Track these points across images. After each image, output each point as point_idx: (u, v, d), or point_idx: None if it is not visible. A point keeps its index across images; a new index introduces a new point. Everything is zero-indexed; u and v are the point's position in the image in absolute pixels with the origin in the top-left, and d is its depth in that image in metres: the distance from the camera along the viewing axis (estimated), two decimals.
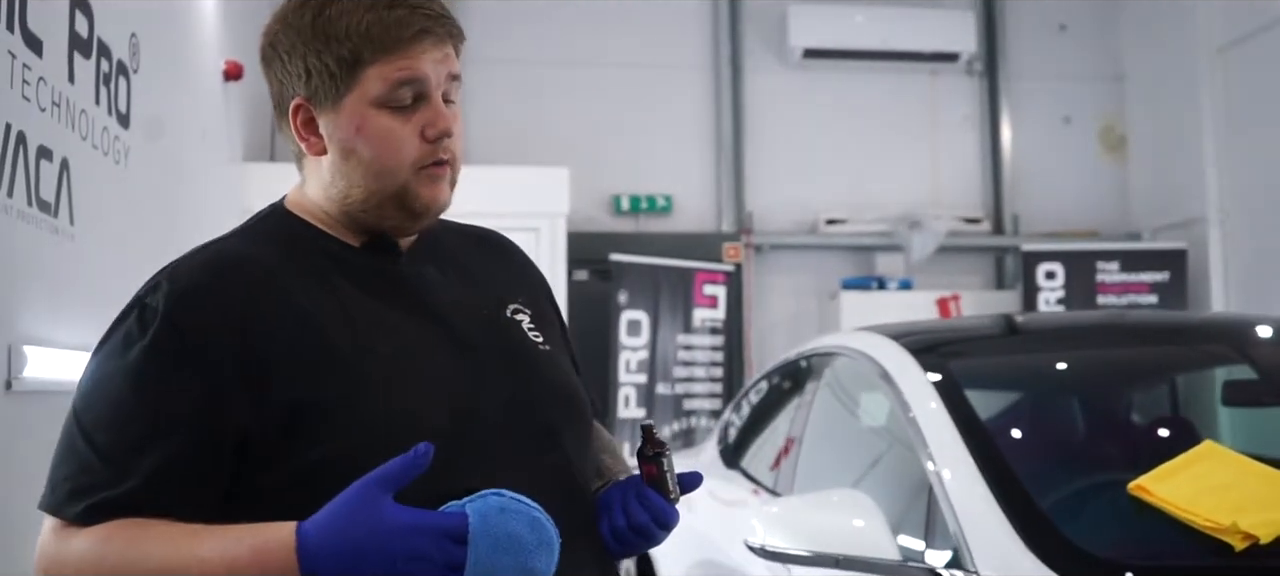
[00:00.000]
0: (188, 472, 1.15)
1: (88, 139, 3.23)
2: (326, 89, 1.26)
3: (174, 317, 1.17)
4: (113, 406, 1.17)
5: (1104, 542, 1.91)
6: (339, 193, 1.29)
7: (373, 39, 1.23)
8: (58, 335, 2.97)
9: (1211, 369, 2.71)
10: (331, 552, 1.06)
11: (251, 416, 1.16)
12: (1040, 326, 3.42)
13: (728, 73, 7.60)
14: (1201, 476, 1.94)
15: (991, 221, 7.86)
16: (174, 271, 1.23)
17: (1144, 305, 7.15)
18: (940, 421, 2.32)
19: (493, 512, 1.09)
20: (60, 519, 1.16)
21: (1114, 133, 8.10)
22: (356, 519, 1.06)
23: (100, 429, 1.16)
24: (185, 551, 1.10)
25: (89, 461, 1.15)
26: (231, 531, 1.11)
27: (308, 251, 1.29)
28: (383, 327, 1.26)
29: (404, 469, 1.08)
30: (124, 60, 3.59)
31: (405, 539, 1.05)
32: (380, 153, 1.26)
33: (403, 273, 1.33)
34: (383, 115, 1.25)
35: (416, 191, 1.28)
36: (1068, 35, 8.06)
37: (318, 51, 1.25)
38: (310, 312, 1.22)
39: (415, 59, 1.24)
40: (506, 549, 1.08)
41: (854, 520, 2.11)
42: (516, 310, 1.42)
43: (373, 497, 1.07)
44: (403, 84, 1.25)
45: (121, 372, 1.18)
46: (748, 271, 7.38)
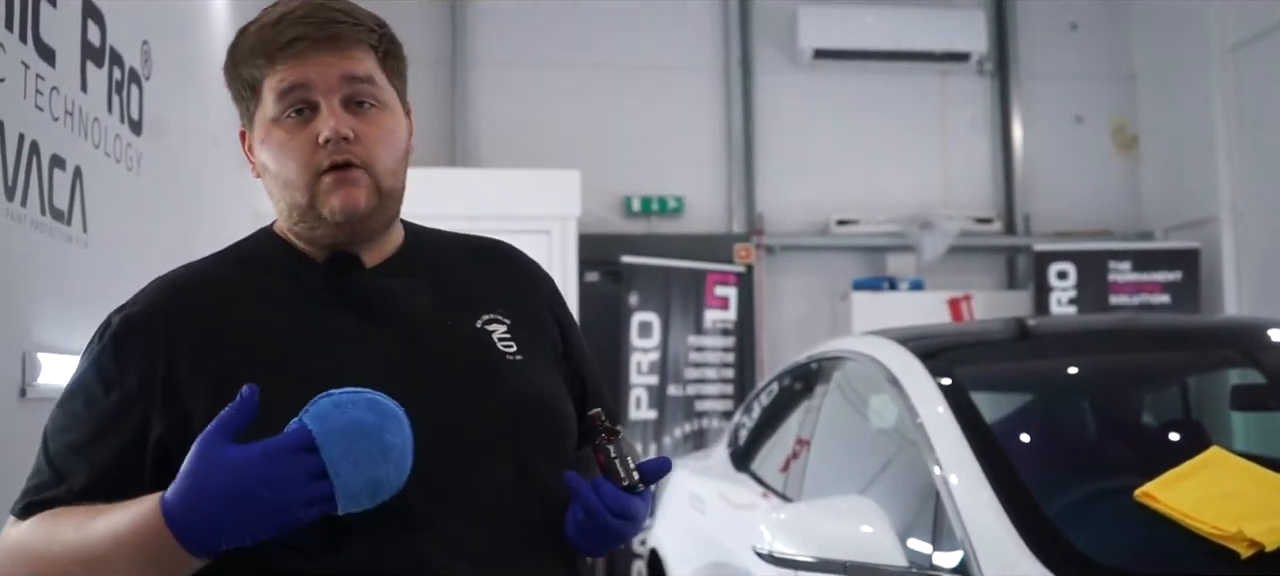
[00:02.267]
0: (116, 477, 1.21)
1: (100, 147, 3.26)
2: (244, 114, 1.36)
3: (118, 334, 1.28)
4: (62, 415, 1.29)
5: (1110, 550, 1.91)
6: (278, 210, 1.36)
7: (259, 55, 1.29)
8: (71, 343, 2.98)
9: (1220, 373, 2.71)
10: (193, 508, 1.09)
11: (168, 428, 1.22)
12: (1047, 331, 3.42)
13: (738, 74, 7.60)
14: (1208, 483, 1.94)
15: (1003, 221, 7.85)
16: (138, 292, 1.34)
17: (1156, 305, 7.13)
18: (947, 427, 2.33)
19: (328, 410, 1.09)
20: (14, 515, 1.26)
21: (1126, 132, 8.07)
22: (205, 469, 1.09)
23: (52, 435, 1.28)
24: (84, 529, 1.17)
25: (41, 465, 1.27)
26: (118, 509, 1.16)
27: (269, 267, 1.35)
28: (328, 341, 1.29)
29: (236, 413, 1.11)
30: (136, 68, 3.61)
31: (256, 468, 1.07)
32: (279, 166, 1.30)
33: (360, 286, 1.35)
34: (278, 129, 1.30)
35: (324, 199, 1.29)
36: (1079, 34, 8.04)
37: (232, 79, 1.35)
38: (251, 329, 1.28)
39: (297, 67, 1.27)
40: (357, 436, 1.08)
41: (861, 526, 2.12)
42: (490, 321, 1.40)
43: (213, 445, 1.09)
44: (287, 93, 1.28)
45: (73, 384, 1.30)
46: (759, 272, 7.39)
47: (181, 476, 1.11)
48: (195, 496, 1.09)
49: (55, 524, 1.20)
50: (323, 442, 1.07)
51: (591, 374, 1.55)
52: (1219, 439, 2.51)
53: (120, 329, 1.28)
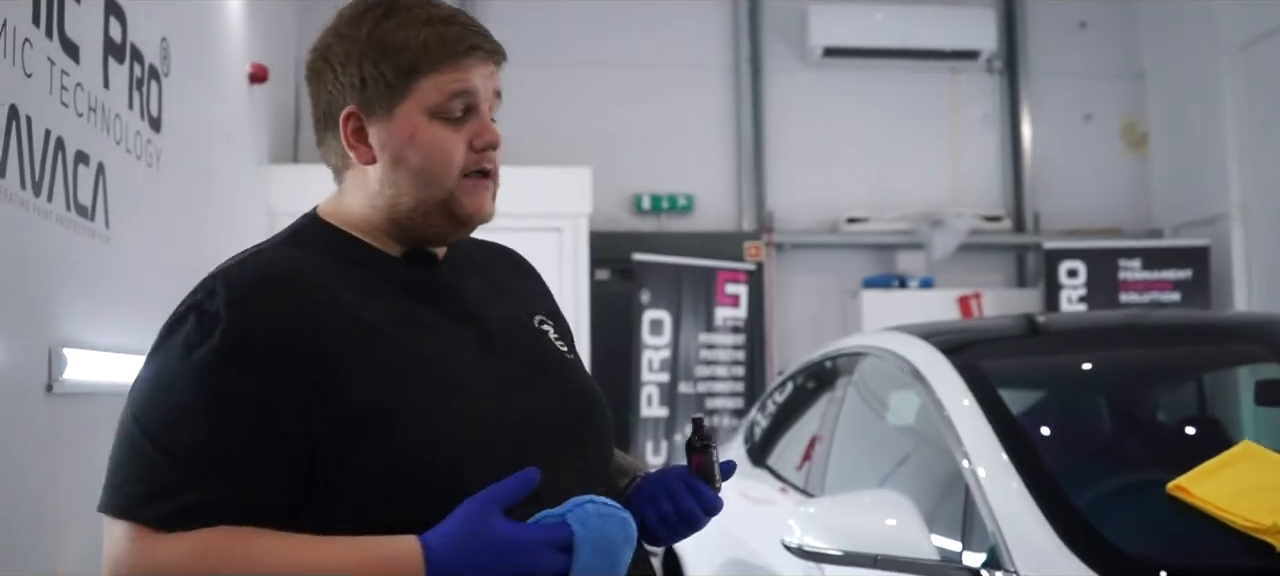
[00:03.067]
0: (264, 474, 1.16)
1: (122, 143, 3.27)
2: (381, 98, 1.29)
3: (238, 321, 1.19)
4: (181, 409, 1.17)
5: (1142, 542, 1.91)
6: (386, 201, 1.32)
7: (430, 52, 1.28)
8: (96, 338, 3.00)
9: (1243, 368, 2.71)
10: (453, 567, 1.12)
11: (320, 418, 1.17)
12: (1067, 326, 3.43)
13: (748, 72, 7.61)
14: (1241, 476, 1.94)
15: (1012, 219, 7.85)
16: (228, 276, 1.24)
17: (1166, 303, 7.13)
18: (975, 419, 2.33)
19: (592, 519, 1.18)
20: (133, 522, 1.15)
21: (1135, 130, 8.07)
22: (473, 535, 1.13)
23: (169, 432, 1.16)
24: (310, 562, 1.13)
25: (158, 465, 1.15)
26: (349, 543, 1.14)
27: (351, 260, 1.32)
28: (431, 334, 1.29)
29: (515, 488, 1.16)
30: (155, 64, 3.62)
31: (520, 552, 1.13)
32: (431, 161, 1.30)
33: (443, 282, 1.37)
34: (435, 125, 1.30)
35: (461, 199, 1.32)
36: (1088, 32, 8.04)
37: (374, 61, 1.29)
38: (363, 319, 1.24)
39: (467, 73, 1.30)
40: (604, 550, 1.18)
41: (891, 520, 2.12)
42: (542, 321, 1.47)
43: (486, 515, 1.13)
44: (455, 95, 1.30)
45: (187, 376, 1.18)
46: (769, 270, 7.39)
47: (449, 531, 1.14)
48: (459, 556, 1.13)
49: (246, 549, 1.13)
50: (579, 549, 1.17)
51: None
52: (1243, 434, 2.52)
53: (238, 315, 1.19)
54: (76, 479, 2.95)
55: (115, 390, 3.17)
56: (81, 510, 2.94)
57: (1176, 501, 1.97)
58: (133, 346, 3.31)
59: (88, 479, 2.97)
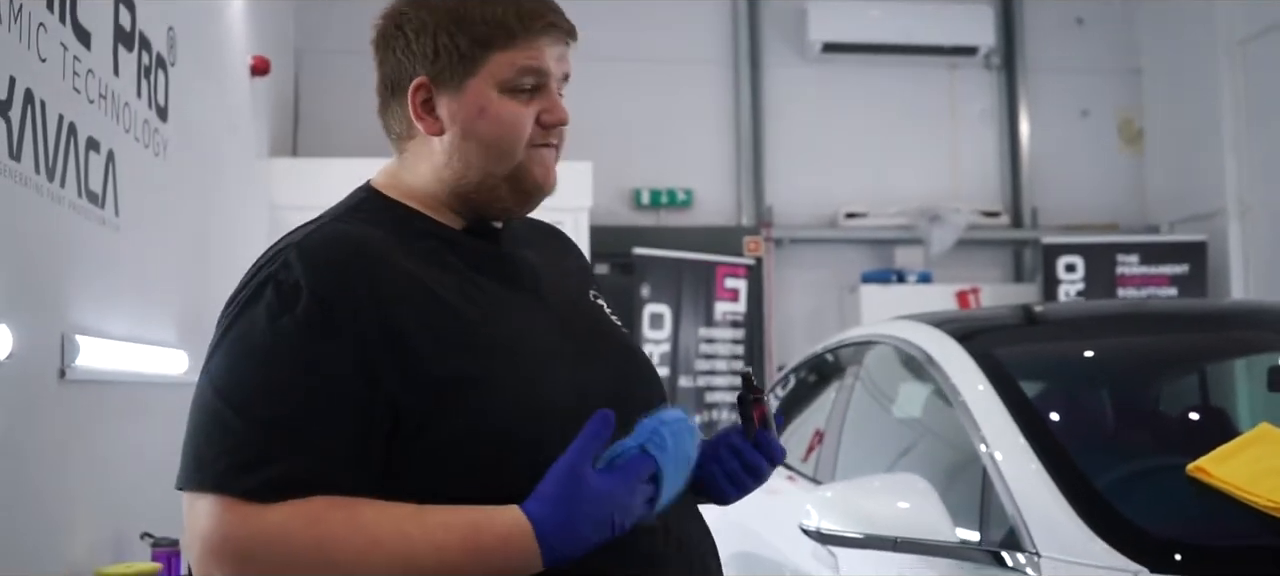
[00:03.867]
0: (355, 442, 1.16)
1: (130, 132, 3.26)
2: (454, 69, 1.30)
3: (319, 291, 1.18)
4: (266, 380, 1.16)
5: (1164, 522, 1.92)
6: (453, 173, 1.33)
7: (505, 27, 1.29)
8: (106, 326, 2.99)
9: (1256, 354, 2.72)
10: (560, 530, 1.14)
11: (402, 386, 1.18)
12: (1076, 314, 3.44)
13: (747, 67, 7.62)
14: (1260, 458, 1.95)
15: (1010, 215, 7.87)
16: (301, 248, 1.23)
17: (1164, 298, 7.16)
18: (991, 404, 2.33)
19: (667, 442, 1.20)
20: (227, 496, 1.12)
21: (1132, 126, 8.10)
22: (572, 494, 1.14)
23: (256, 403, 1.15)
24: (418, 536, 1.12)
25: (248, 436, 1.13)
26: (456, 516, 1.15)
27: (416, 232, 1.32)
28: (501, 305, 1.31)
29: (592, 441, 1.17)
30: (163, 53, 3.61)
31: (612, 500, 1.16)
32: (501, 133, 1.31)
33: (506, 254, 1.38)
34: (506, 99, 1.31)
35: (529, 170, 1.33)
36: (1085, 28, 8.07)
37: (450, 33, 1.29)
38: (435, 289, 1.25)
39: (540, 50, 1.31)
40: (682, 463, 1.24)
41: (911, 503, 2.12)
42: (596, 295, 1.50)
43: (579, 470, 1.15)
44: (527, 72, 1.31)
45: (270, 346, 1.17)
46: (768, 265, 7.41)
47: (551, 498, 1.15)
48: (568, 520, 1.14)
49: (353, 520, 1.12)
50: (665, 474, 1.20)
51: None
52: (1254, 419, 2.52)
53: (315, 285, 1.18)
54: (88, 466, 2.94)
55: (125, 379, 3.18)
56: (92, 496, 2.94)
57: (1195, 482, 1.97)
58: (141, 335, 3.31)
59: (99, 466, 2.98)
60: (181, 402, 1.23)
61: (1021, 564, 1.95)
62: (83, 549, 2.84)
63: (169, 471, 1.23)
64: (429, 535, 1.13)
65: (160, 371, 3.43)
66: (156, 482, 3.45)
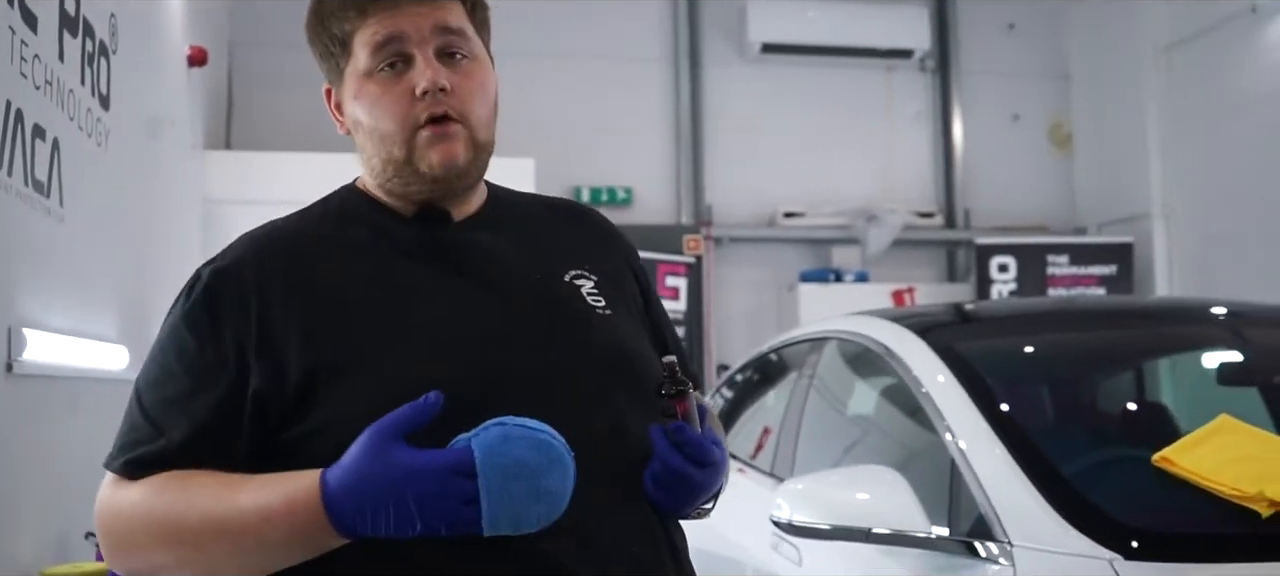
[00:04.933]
0: (216, 430, 1.21)
1: (74, 120, 3.18)
2: (333, 69, 1.34)
3: (209, 288, 1.25)
4: (156, 369, 1.26)
5: (1131, 511, 1.96)
6: (368, 165, 1.34)
7: (351, 8, 1.29)
8: (51, 319, 2.91)
9: (1209, 349, 2.80)
10: (351, 498, 1.08)
11: (265, 380, 1.21)
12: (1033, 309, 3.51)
13: (687, 66, 7.65)
14: (1222, 448, 2.00)
15: (944, 215, 8.00)
16: (229, 246, 1.31)
17: (1096, 296, 7.33)
18: (955, 394, 2.36)
19: (495, 442, 1.09)
20: (111, 472, 1.23)
21: (1061, 130, 8.29)
22: (369, 464, 1.08)
23: (146, 389, 1.25)
24: (225, 501, 1.15)
25: (137, 421, 1.23)
26: (265, 481, 1.16)
27: (356, 223, 1.33)
28: (417, 292, 1.28)
29: (414, 414, 1.10)
30: (105, 40, 3.52)
31: (413, 480, 1.07)
32: (374, 121, 1.29)
33: (449, 240, 1.34)
34: (371, 83, 1.28)
35: (422, 153, 1.28)
36: (1016, 34, 8.24)
37: (319, 35, 1.33)
38: (341, 282, 1.27)
39: (390, 19, 1.27)
40: (516, 475, 1.08)
41: (883, 495, 2.14)
42: (578, 276, 1.40)
43: (382, 442, 1.09)
44: (382, 46, 1.27)
45: (165, 338, 1.27)
46: (707, 263, 7.44)
47: (347, 464, 1.10)
48: (357, 488, 1.09)
49: (182, 490, 1.17)
50: (483, 475, 1.08)
51: (672, 336, 1.54)
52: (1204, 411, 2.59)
53: (211, 282, 1.26)
54: (33, 463, 2.86)
55: (69, 374, 3.09)
56: (37, 494, 2.85)
57: (1160, 472, 2.02)
58: (84, 330, 3.22)
59: (43, 463, 2.89)
60: (121, 398, 1.31)
61: (994, 553, 1.98)
62: (28, 549, 2.76)
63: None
64: (236, 496, 1.14)
65: (102, 366, 3.35)
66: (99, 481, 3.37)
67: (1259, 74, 6.59)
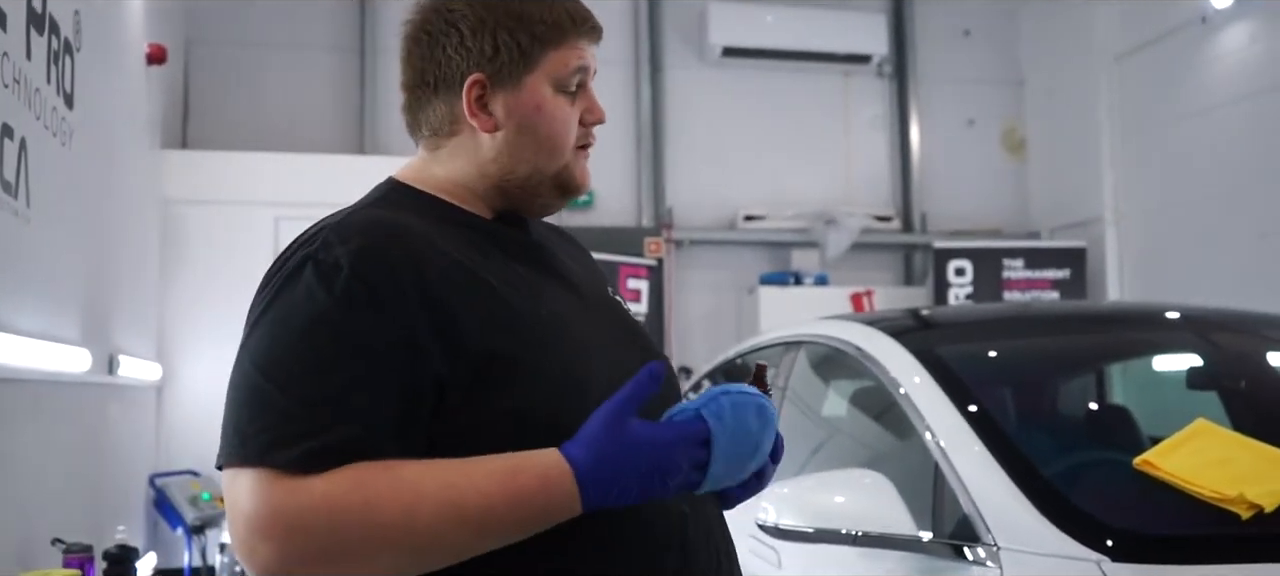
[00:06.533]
0: (398, 416, 1.15)
1: (41, 119, 3.12)
2: (512, 66, 1.33)
3: (361, 271, 1.18)
4: (309, 357, 1.15)
5: (1116, 513, 1.99)
6: (500, 168, 1.35)
7: (560, 26, 1.34)
8: (17, 321, 2.85)
9: (1176, 352, 2.86)
10: (602, 471, 1.13)
11: (446, 364, 1.18)
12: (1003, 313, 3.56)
13: (648, 69, 7.66)
14: (1201, 451, 2.05)
15: (901, 219, 8.08)
16: (339, 229, 1.23)
17: (1047, 300, 7.44)
18: (934, 395, 2.38)
19: (726, 411, 1.18)
20: (269, 469, 1.10)
21: (1015, 135, 8.41)
22: (612, 440, 1.13)
23: (298, 380, 1.13)
24: (462, 486, 1.12)
25: (290, 411, 1.12)
26: (497, 462, 1.14)
27: (449, 220, 1.33)
28: (538, 291, 1.32)
29: (638, 389, 1.16)
30: (70, 38, 3.46)
31: (656, 452, 1.14)
32: (555, 131, 1.35)
33: (536, 242, 1.41)
34: (559, 98, 1.35)
35: (573, 171, 1.38)
36: (971, 40, 8.34)
37: (510, 29, 1.32)
38: (476, 271, 1.26)
39: (585, 50, 1.37)
40: (741, 438, 1.18)
41: (869, 497, 2.16)
42: (613, 292, 1.54)
43: (621, 418, 1.14)
44: (577, 71, 1.36)
45: (313, 325, 1.16)
46: (668, 266, 7.45)
47: (591, 442, 1.14)
48: (608, 464, 1.13)
49: (399, 480, 1.11)
50: (716, 442, 1.16)
51: None
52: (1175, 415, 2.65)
53: (359, 264, 1.18)
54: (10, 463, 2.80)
55: (33, 377, 3.03)
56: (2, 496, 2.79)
57: (1131, 472, 2.06)
58: (48, 332, 3.16)
59: (9, 464, 2.83)
60: (84, 402, 1.22)
61: (981, 556, 2.00)
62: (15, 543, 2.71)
63: (75, 474, 1.22)
64: (473, 481, 1.12)
65: (66, 369, 3.29)
66: (65, 485, 3.30)
67: (1207, 83, 6.73)
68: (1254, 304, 3.59)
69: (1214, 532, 1.92)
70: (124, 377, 4.12)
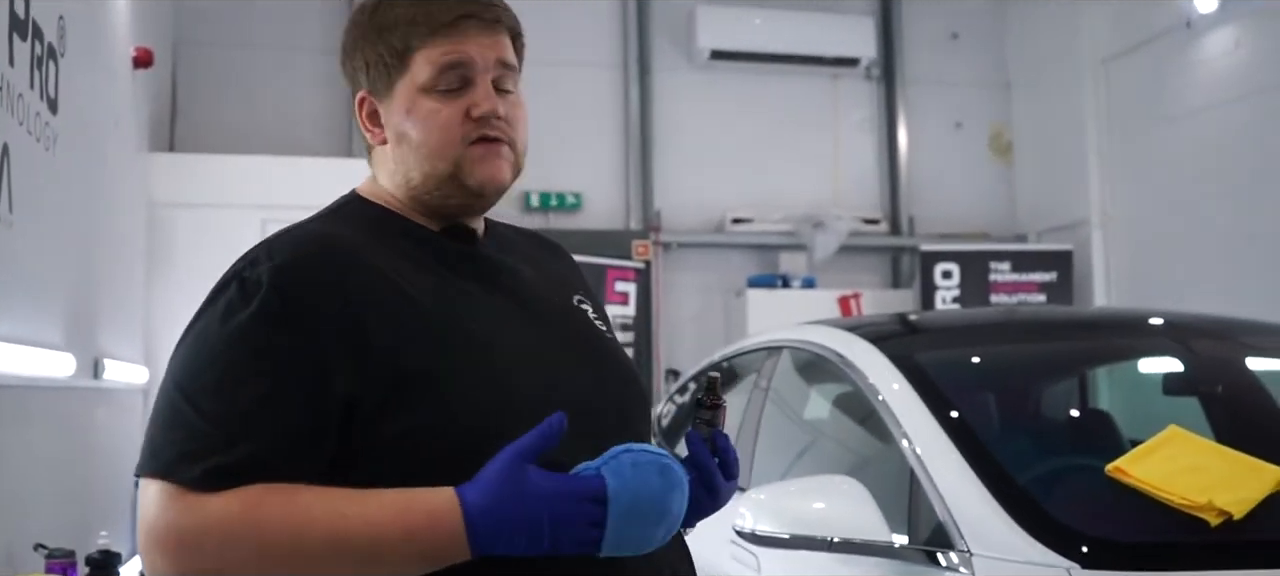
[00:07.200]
0: (302, 435, 1.16)
1: (24, 124, 3.12)
2: (382, 79, 1.35)
3: (279, 287, 1.20)
4: (220, 372, 1.17)
5: (1087, 519, 2.01)
6: (402, 178, 1.35)
7: (419, 26, 1.32)
8: (1, 327, 2.86)
9: (1151, 357, 2.88)
10: (491, 518, 1.11)
11: (356, 381, 1.18)
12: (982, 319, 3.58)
13: (636, 72, 7.68)
14: (1172, 458, 2.07)
15: (889, 222, 8.11)
16: (271, 246, 1.26)
17: (1033, 303, 7.47)
18: (911, 402, 2.40)
19: (626, 470, 1.14)
20: (174, 483, 1.13)
21: (1002, 138, 8.44)
22: (508, 486, 1.11)
23: (208, 395, 1.16)
24: (352, 515, 1.12)
25: (198, 427, 1.15)
26: (389, 495, 1.13)
27: (391, 233, 1.34)
28: (472, 304, 1.31)
29: (541, 439, 1.13)
30: (54, 43, 3.46)
31: (549, 504, 1.11)
32: (428, 134, 1.32)
33: (482, 254, 1.40)
34: (430, 99, 1.32)
35: (470, 168, 1.33)
36: (959, 43, 8.37)
37: (373, 44, 1.34)
38: (402, 287, 1.26)
39: (460, 43, 1.32)
40: (643, 499, 1.14)
41: (844, 504, 2.18)
42: (580, 300, 1.50)
43: (517, 466, 1.12)
44: (448, 68, 1.32)
45: (227, 340, 1.18)
46: (656, 268, 7.47)
47: (482, 483, 1.12)
48: (499, 510, 1.11)
49: (291, 504, 1.12)
50: (613, 500, 1.12)
51: None
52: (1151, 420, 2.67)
53: (278, 281, 1.20)
54: None
55: (14, 382, 3.04)
56: None
57: (1111, 481, 2.08)
58: (31, 337, 3.16)
59: None
60: (69, 407, 1.24)
61: (954, 562, 2.02)
62: None
63: (59, 479, 1.23)
64: (364, 513, 1.11)
65: (49, 374, 3.29)
66: (49, 490, 3.31)
67: (1192, 87, 6.76)
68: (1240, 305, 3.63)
69: (1182, 540, 1.94)
70: (110, 381, 4.12)
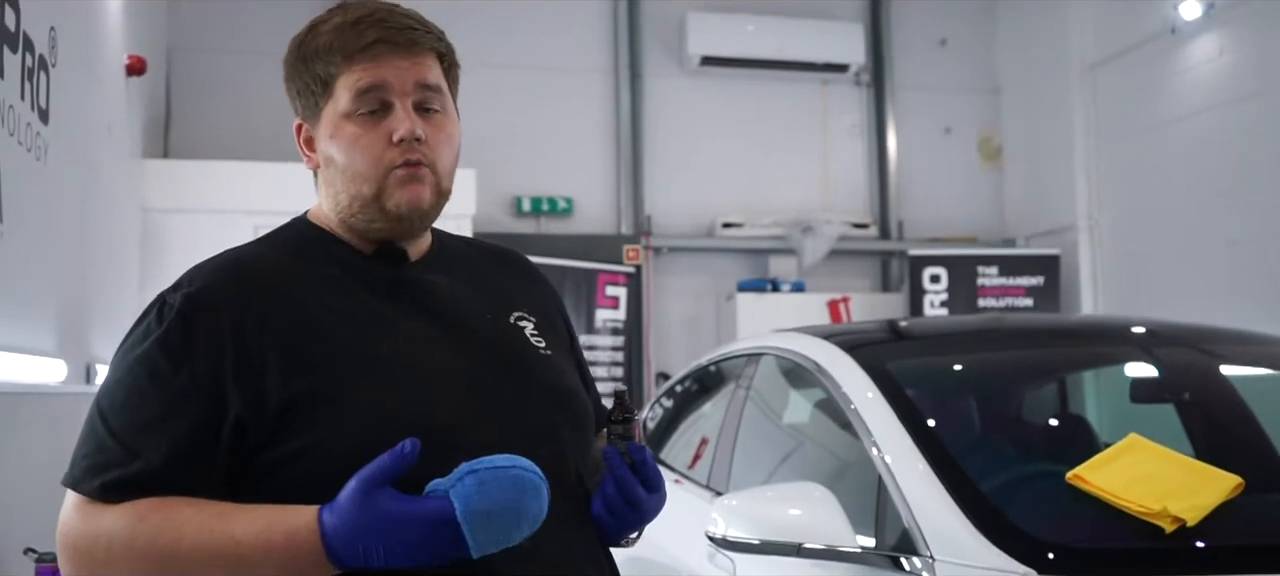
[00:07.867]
0: (193, 453, 1.23)
1: (15, 135, 3.17)
2: (310, 106, 1.40)
3: (185, 312, 1.27)
4: (126, 392, 1.26)
5: (1046, 527, 2.06)
6: (333, 202, 1.40)
7: (336, 53, 1.35)
8: None
9: (1120, 365, 2.93)
10: (344, 540, 1.15)
11: (246, 404, 1.24)
12: (957, 327, 3.63)
13: (627, 77, 7.72)
14: (1131, 466, 2.12)
15: (878, 226, 8.16)
16: (193, 273, 1.34)
17: (1021, 308, 7.53)
18: (881, 411, 2.44)
19: (472, 492, 1.15)
20: (79, 493, 1.23)
21: (991, 143, 8.49)
22: (358, 510, 1.14)
23: (115, 412, 1.25)
24: (219, 531, 1.17)
25: (105, 442, 1.24)
26: (259, 512, 1.19)
27: (318, 257, 1.39)
28: (385, 326, 1.34)
29: (393, 463, 1.16)
30: (45, 55, 3.51)
31: (398, 529, 1.14)
32: (349, 160, 1.36)
33: (408, 277, 1.42)
34: (351, 124, 1.35)
35: (390, 192, 1.35)
36: (948, 49, 8.43)
37: (301, 73, 1.39)
38: (313, 311, 1.30)
39: (374, 67, 1.35)
40: (496, 514, 1.15)
41: (813, 510, 2.23)
42: (520, 318, 1.50)
43: (367, 491, 1.15)
44: (365, 92, 1.35)
45: (136, 361, 1.27)
46: (647, 273, 7.52)
47: (340, 508, 1.15)
48: (350, 532, 1.14)
49: (169, 518, 1.18)
50: (466, 523, 1.14)
51: (588, 375, 1.66)
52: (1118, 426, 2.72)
53: (186, 307, 1.27)
54: None
55: (5, 389, 3.08)
56: None
57: (1073, 489, 2.13)
58: (21, 344, 3.22)
59: None
60: (60, 413, 1.32)
61: (917, 567, 2.07)
62: None
63: (53, 483, 1.32)
64: (230, 528, 1.17)
65: (41, 381, 3.34)
66: (38, 496, 3.35)
67: (1178, 93, 6.82)
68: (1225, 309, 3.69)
69: (1138, 546, 1.99)
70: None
